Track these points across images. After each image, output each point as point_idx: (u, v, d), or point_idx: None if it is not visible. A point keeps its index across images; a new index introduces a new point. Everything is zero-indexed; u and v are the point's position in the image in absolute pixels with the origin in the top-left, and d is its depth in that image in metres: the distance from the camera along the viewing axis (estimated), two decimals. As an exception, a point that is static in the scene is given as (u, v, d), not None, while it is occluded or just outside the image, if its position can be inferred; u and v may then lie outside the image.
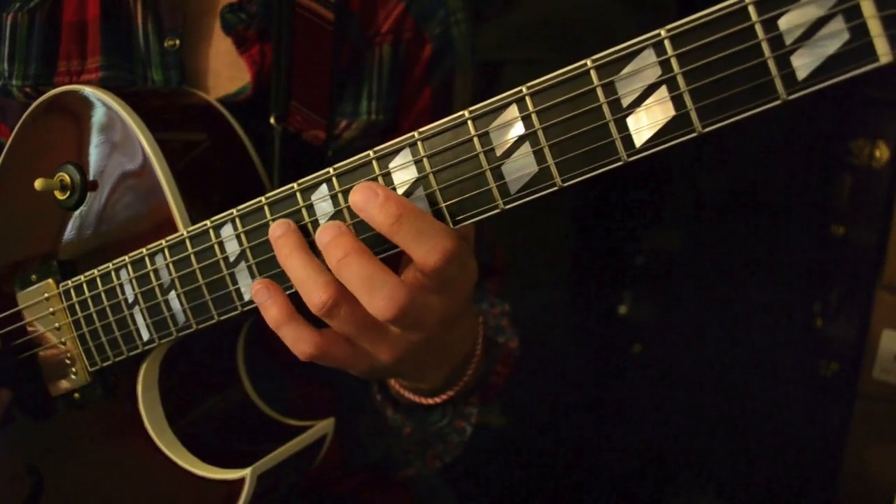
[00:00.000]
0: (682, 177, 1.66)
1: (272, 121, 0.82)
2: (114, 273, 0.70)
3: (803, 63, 0.45)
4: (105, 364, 0.74)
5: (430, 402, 0.79)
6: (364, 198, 0.55)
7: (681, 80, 0.48)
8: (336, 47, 0.85)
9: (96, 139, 0.74)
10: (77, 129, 0.75)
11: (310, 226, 0.60)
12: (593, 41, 0.53)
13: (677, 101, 0.49)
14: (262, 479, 0.72)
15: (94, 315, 0.73)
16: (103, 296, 0.72)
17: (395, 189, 0.57)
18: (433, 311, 0.59)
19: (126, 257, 0.69)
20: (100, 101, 0.74)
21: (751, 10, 0.46)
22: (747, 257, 1.63)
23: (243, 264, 0.64)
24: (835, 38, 0.44)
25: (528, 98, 0.53)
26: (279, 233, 0.60)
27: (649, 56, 0.49)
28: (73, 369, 0.76)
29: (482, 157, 0.55)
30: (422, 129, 0.56)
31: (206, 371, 0.80)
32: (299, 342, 0.60)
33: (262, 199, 0.62)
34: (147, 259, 0.68)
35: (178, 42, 0.83)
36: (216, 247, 0.65)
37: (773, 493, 1.62)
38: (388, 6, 0.88)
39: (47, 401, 0.79)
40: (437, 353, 0.70)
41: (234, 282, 0.65)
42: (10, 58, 0.85)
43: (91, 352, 0.74)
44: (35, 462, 0.82)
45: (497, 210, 0.55)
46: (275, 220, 0.61)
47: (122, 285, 0.70)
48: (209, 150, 0.78)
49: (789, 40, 0.45)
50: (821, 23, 0.45)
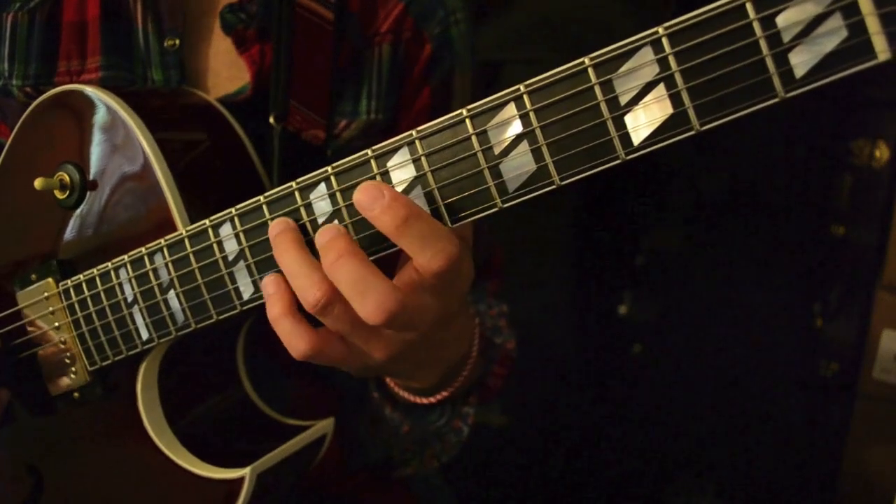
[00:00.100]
0: (682, 177, 1.66)
1: (272, 120, 0.82)
2: (113, 272, 0.71)
3: (801, 60, 0.45)
4: (104, 363, 0.74)
5: (425, 401, 0.79)
6: (370, 197, 0.54)
7: (678, 78, 0.48)
8: (336, 47, 0.85)
9: (96, 139, 0.74)
10: (77, 129, 0.75)
11: (308, 224, 0.60)
12: (593, 41, 0.53)
13: (675, 98, 0.49)
14: (261, 478, 0.72)
15: (94, 314, 0.73)
16: (102, 295, 0.72)
17: (392, 187, 0.57)
18: (427, 311, 0.59)
19: (125, 256, 0.69)
20: (100, 100, 0.74)
21: (748, 7, 0.46)
22: (747, 257, 1.63)
23: (242, 263, 0.64)
24: (833, 36, 0.44)
25: (525, 96, 0.53)
26: (277, 230, 0.60)
27: (647, 54, 0.49)
28: (73, 368, 0.76)
29: (480, 155, 0.54)
30: (420, 128, 0.56)
31: (205, 370, 0.80)
32: (293, 338, 0.59)
33: (261, 197, 0.62)
34: (146, 258, 0.68)
35: (177, 42, 0.83)
36: (215, 246, 0.65)
37: (773, 493, 1.62)
38: (387, 6, 0.88)
39: (47, 400, 0.79)
40: (432, 353, 0.70)
41: (233, 281, 0.65)
42: (10, 58, 0.85)
43: (90, 351, 0.74)
44: (35, 461, 0.82)
45: (495, 208, 0.55)
46: (273, 219, 0.61)
47: (121, 284, 0.70)
48: (209, 150, 0.78)
49: (787, 38, 0.45)
50: (819, 20, 0.44)
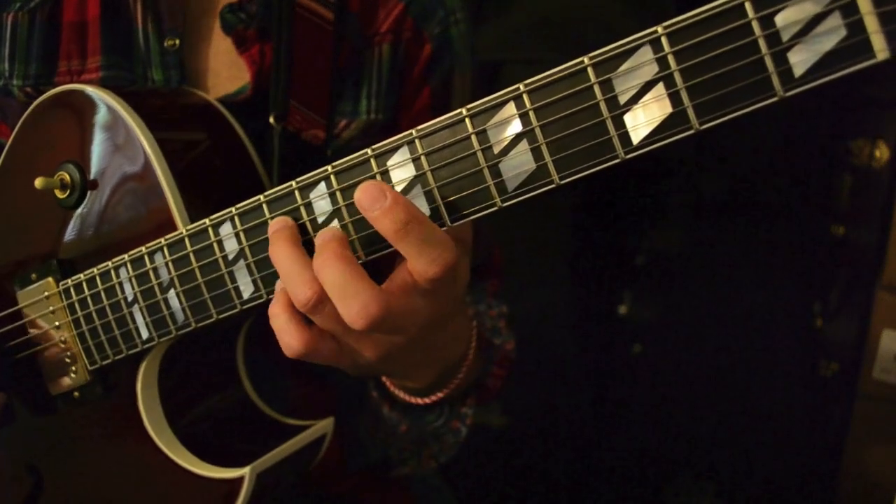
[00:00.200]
0: (682, 177, 1.66)
1: (272, 120, 0.82)
2: (113, 271, 0.71)
3: (800, 59, 0.45)
4: (104, 363, 0.74)
5: (421, 402, 0.79)
6: (370, 198, 0.54)
7: (678, 77, 0.48)
8: (336, 47, 0.85)
9: (97, 138, 0.74)
10: (77, 129, 0.76)
11: (308, 224, 0.60)
12: (593, 41, 0.53)
13: (674, 98, 0.49)
14: (261, 477, 0.72)
15: (94, 313, 0.73)
16: (102, 294, 0.72)
17: (393, 187, 0.57)
18: (418, 314, 0.59)
19: (125, 256, 0.69)
20: (100, 100, 0.74)
21: (747, 6, 0.46)
22: (747, 257, 1.63)
23: (242, 262, 0.64)
24: (832, 35, 0.44)
25: (525, 95, 0.53)
26: (274, 229, 0.60)
27: (646, 53, 0.49)
28: (73, 368, 0.76)
29: (480, 154, 0.54)
30: (420, 127, 0.56)
31: (205, 370, 0.80)
32: (286, 335, 0.59)
33: (261, 197, 0.62)
34: (146, 257, 0.68)
35: (178, 42, 0.83)
36: (215, 245, 0.65)
37: (773, 494, 1.62)
38: (387, 6, 0.88)
39: (47, 399, 0.79)
40: (426, 354, 0.70)
41: (233, 280, 0.65)
42: (10, 58, 0.85)
43: (90, 350, 0.74)
44: (35, 461, 0.82)
45: (495, 208, 0.55)
46: (273, 218, 0.61)
47: (121, 284, 0.70)
48: (209, 150, 0.78)
49: (786, 37, 0.45)
50: (818, 19, 0.45)
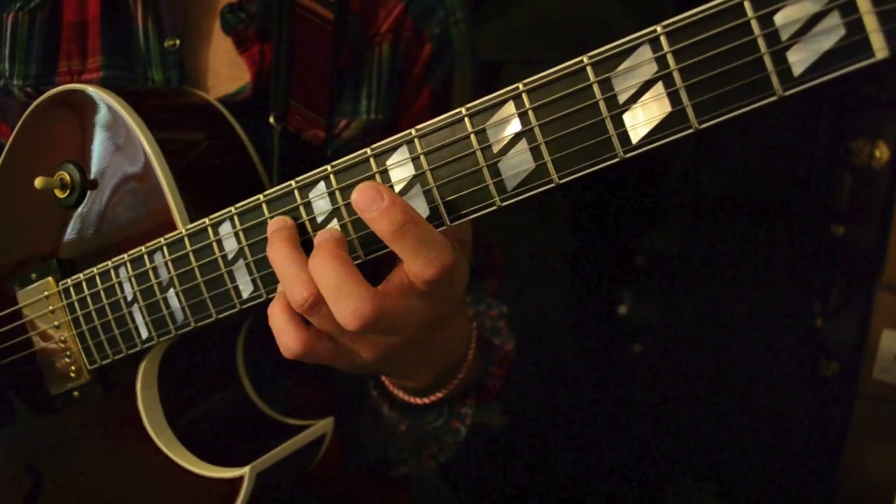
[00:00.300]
0: (682, 177, 1.66)
1: (272, 120, 0.82)
2: (112, 271, 0.71)
3: (799, 59, 0.45)
4: (104, 362, 0.74)
5: (421, 401, 0.79)
6: (367, 199, 0.54)
7: (677, 77, 0.48)
8: (336, 47, 0.85)
9: (97, 138, 0.74)
10: (77, 128, 0.76)
11: (307, 223, 0.60)
12: (593, 41, 0.53)
13: (673, 97, 0.49)
14: (261, 477, 0.72)
15: (94, 313, 0.73)
16: (102, 294, 0.72)
17: (392, 187, 0.57)
18: (414, 315, 0.59)
19: (125, 255, 0.69)
20: (101, 100, 0.74)
21: (746, 5, 0.46)
22: (747, 257, 1.63)
23: (241, 262, 0.64)
24: (831, 34, 0.44)
25: (524, 95, 0.53)
26: (273, 228, 0.60)
27: (645, 52, 0.49)
28: (73, 368, 0.76)
29: (479, 153, 0.54)
30: (419, 126, 0.56)
31: (205, 370, 0.80)
32: (283, 335, 0.59)
33: (261, 196, 0.62)
34: (146, 257, 0.68)
35: (178, 42, 0.83)
36: (214, 244, 0.65)
37: (773, 494, 1.62)
38: (387, 6, 0.88)
39: (47, 399, 0.79)
40: (423, 354, 0.70)
41: (233, 279, 0.65)
42: (10, 57, 0.85)
43: (90, 350, 0.74)
44: (34, 461, 0.82)
45: (494, 207, 0.55)
46: (272, 218, 0.61)
47: (120, 283, 0.70)
48: (209, 150, 0.78)
49: (785, 36, 0.45)
50: (817, 18, 0.45)
